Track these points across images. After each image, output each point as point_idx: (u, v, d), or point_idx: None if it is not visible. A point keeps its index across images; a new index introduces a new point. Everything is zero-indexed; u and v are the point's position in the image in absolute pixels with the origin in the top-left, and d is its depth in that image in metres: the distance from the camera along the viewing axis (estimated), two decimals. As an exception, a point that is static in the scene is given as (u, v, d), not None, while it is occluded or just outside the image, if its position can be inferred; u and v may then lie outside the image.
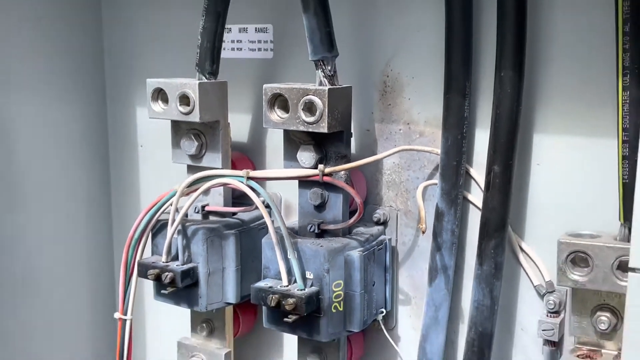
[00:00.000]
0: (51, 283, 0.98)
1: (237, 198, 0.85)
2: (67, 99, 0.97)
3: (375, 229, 0.78)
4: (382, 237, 0.78)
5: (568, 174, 0.69)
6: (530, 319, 0.73)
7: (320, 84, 0.70)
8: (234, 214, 0.82)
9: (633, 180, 0.61)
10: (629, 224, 0.63)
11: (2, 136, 0.90)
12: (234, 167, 0.82)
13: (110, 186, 1.04)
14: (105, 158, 1.04)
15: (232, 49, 0.87)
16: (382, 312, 0.77)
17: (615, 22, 0.60)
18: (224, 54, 0.79)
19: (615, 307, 0.66)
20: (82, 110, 1.00)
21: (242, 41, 0.87)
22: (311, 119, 0.68)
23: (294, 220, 0.79)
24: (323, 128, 0.68)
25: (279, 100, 0.71)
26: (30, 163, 0.94)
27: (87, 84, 1.00)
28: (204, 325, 0.87)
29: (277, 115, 0.71)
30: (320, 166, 0.69)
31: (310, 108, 0.69)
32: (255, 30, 0.86)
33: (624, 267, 0.62)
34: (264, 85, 0.71)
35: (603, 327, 0.66)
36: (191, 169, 0.81)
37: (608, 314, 0.66)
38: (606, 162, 0.66)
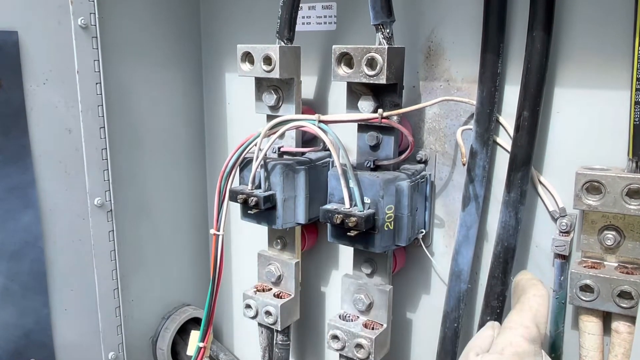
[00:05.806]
0: (159, 205, 0.96)
1: (306, 142, 0.81)
2: (170, 64, 0.93)
3: (419, 166, 0.73)
4: (423, 173, 0.73)
5: (582, 121, 0.63)
6: (543, 238, 0.68)
7: (380, 44, 0.64)
8: (304, 154, 0.78)
9: (644, 122, 0.56)
10: (636, 159, 0.58)
11: (123, 94, 0.87)
12: (303, 116, 0.78)
13: (204, 132, 1.01)
14: (201, 111, 0.99)
15: (303, 24, 0.82)
16: (422, 232, 0.73)
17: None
18: (296, 28, 0.74)
19: (619, 227, 0.61)
20: (183, 74, 0.95)
21: (311, 17, 0.82)
22: (372, 72, 0.63)
23: (351, 159, 0.74)
24: (382, 80, 0.63)
25: (345, 59, 0.66)
26: (144, 114, 0.91)
27: (186, 53, 0.95)
28: (279, 240, 0.84)
29: (343, 70, 0.66)
30: (380, 110, 0.64)
31: (371, 63, 0.63)
32: (322, 7, 0.80)
33: (631, 193, 0.57)
34: (334, 46, 0.66)
35: (609, 242, 0.61)
36: (270, 118, 0.76)
37: (614, 232, 0.61)
38: (614, 110, 0.60)
